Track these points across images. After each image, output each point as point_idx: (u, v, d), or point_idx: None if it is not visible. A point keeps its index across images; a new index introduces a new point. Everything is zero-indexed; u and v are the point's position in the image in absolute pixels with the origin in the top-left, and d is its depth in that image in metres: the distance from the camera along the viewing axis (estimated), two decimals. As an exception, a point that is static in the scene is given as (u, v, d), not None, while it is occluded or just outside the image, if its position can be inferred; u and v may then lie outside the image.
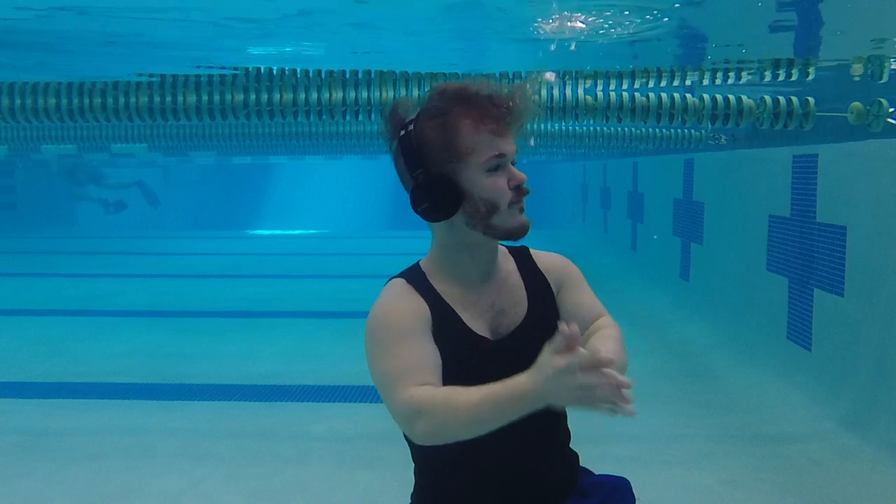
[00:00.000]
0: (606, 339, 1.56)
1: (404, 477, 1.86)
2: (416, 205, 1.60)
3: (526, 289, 1.70)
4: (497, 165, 1.56)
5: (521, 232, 1.60)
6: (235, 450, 4.40)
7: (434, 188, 1.57)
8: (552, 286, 1.72)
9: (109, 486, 3.90)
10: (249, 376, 5.96)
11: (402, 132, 1.59)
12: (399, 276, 1.68)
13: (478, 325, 1.63)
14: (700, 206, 8.17)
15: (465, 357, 1.58)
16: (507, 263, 1.72)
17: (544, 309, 1.69)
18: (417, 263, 1.70)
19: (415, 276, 1.66)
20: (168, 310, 9.07)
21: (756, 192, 6.60)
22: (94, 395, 5.48)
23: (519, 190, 1.58)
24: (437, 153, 1.55)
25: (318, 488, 3.89)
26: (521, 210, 1.60)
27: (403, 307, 1.61)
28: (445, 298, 1.63)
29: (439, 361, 1.54)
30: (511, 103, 1.56)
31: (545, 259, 1.76)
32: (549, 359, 1.27)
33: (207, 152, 15.07)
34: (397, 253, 15.45)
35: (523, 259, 1.74)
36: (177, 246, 16.67)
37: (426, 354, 1.54)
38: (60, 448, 4.42)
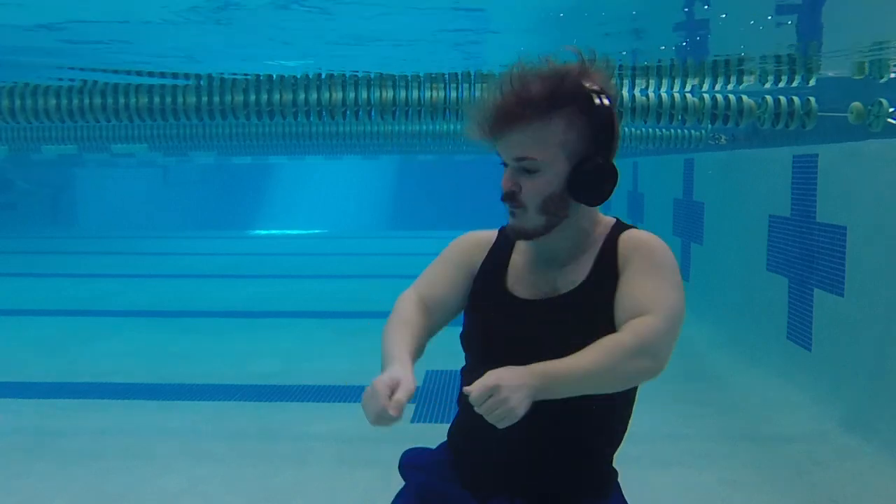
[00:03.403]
0: (582, 353, 1.44)
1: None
2: None
3: (592, 268, 1.60)
4: (504, 163, 1.57)
5: (510, 231, 1.62)
6: (235, 450, 4.40)
7: None
8: (619, 268, 1.58)
9: (109, 486, 3.89)
10: (249, 376, 5.96)
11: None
12: None
13: (522, 290, 1.65)
14: (700, 206, 8.17)
15: (492, 309, 1.65)
16: (592, 244, 1.63)
17: (597, 285, 1.58)
18: None
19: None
20: (168, 310, 9.07)
21: (756, 192, 6.60)
22: (94, 395, 5.47)
23: (503, 195, 1.57)
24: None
25: (318, 488, 3.89)
26: (511, 214, 1.59)
27: (469, 240, 1.75)
28: (514, 254, 1.69)
29: (448, 296, 1.69)
30: (496, 109, 1.51)
31: (628, 238, 1.61)
32: (388, 379, 1.42)
33: (207, 152, 15.08)
34: (397, 253, 15.45)
35: (612, 237, 1.63)
36: (177, 246, 16.66)
37: (444, 281, 1.70)
38: (60, 448, 4.42)
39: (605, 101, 1.51)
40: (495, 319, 1.63)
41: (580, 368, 1.40)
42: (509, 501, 1.61)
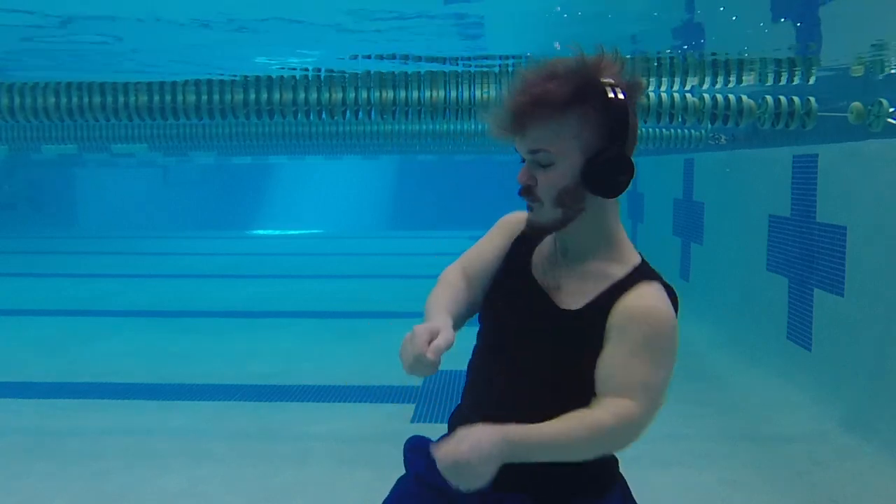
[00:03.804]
0: (561, 424, 1.46)
1: (404, 477, 1.86)
2: None
3: (595, 300, 1.56)
4: (523, 158, 1.59)
5: (527, 225, 1.65)
6: (235, 450, 4.40)
7: None
8: (608, 329, 1.53)
9: (109, 486, 3.89)
10: (249, 376, 5.96)
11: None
12: None
13: (541, 273, 1.68)
14: (700, 206, 8.17)
15: (505, 282, 1.72)
16: (607, 267, 1.59)
17: (588, 324, 1.54)
18: None
19: None
20: (168, 310, 9.07)
21: (756, 192, 6.60)
22: (94, 395, 5.47)
23: (520, 189, 1.59)
24: None
25: (318, 488, 3.89)
26: (528, 208, 1.62)
27: (512, 218, 1.80)
28: (543, 242, 1.72)
29: (487, 265, 1.76)
30: (513, 104, 1.51)
31: (631, 299, 1.53)
32: (429, 326, 1.50)
33: (207, 152, 15.07)
34: (397, 253, 15.47)
35: (622, 286, 1.55)
36: (177, 246, 16.66)
37: (488, 255, 1.77)
38: (60, 448, 4.42)
39: (620, 95, 1.51)
40: (511, 293, 1.70)
41: (555, 440, 1.45)
42: (511, 497, 1.61)
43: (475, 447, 1.38)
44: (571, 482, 1.60)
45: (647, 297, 1.52)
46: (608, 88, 1.50)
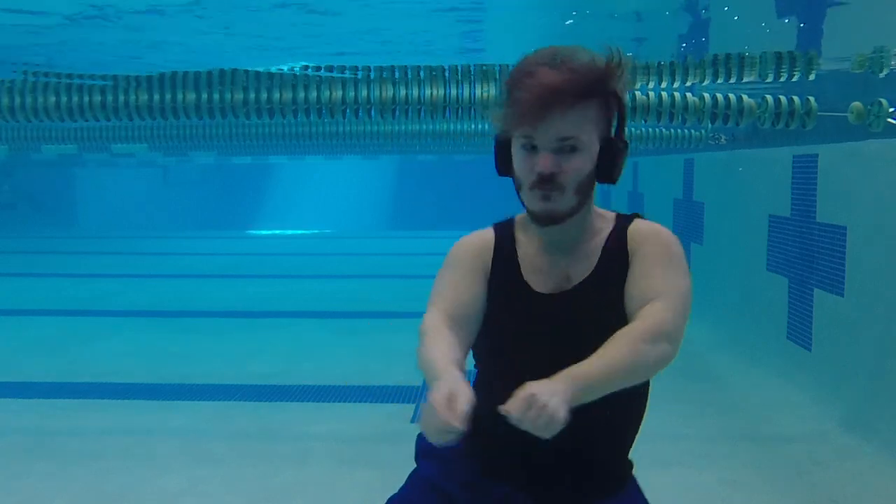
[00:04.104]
0: (603, 350, 1.46)
1: (404, 477, 1.85)
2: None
3: (600, 256, 1.65)
4: (531, 145, 1.55)
5: (541, 216, 1.59)
6: (235, 450, 4.40)
7: (495, 146, 1.65)
8: (629, 256, 1.64)
9: (109, 486, 3.89)
10: (249, 376, 5.96)
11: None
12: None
13: (537, 281, 1.65)
14: (700, 206, 8.17)
15: (510, 304, 1.65)
16: (598, 233, 1.67)
17: (608, 276, 1.63)
18: (515, 215, 1.77)
19: (504, 223, 1.76)
20: (168, 310, 9.06)
21: (756, 192, 6.60)
22: (94, 395, 5.47)
23: (540, 177, 1.54)
24: (503, 115, 1.59)
25: (318, 488, 3.88)
26: (544, 197, 1.56)
27: (469, 243, 1.73)
28: (518, 249, 1.69)
29: (473, 299, 1.64)
30: (552, 92, 1.49)
31: (636, 229, 1.67)
32: (445, 391, 1.35)
33: (207, 152, 15.08)
34: (397, 253, 15.47)
35: (620, 227, 1.68)
36: (177, 246, 16.66)
37: (462, 287, 1.65)
38: (60, 448, 4.42)
39: (625, 88, 1.59)
40: (518, 314, 1.64)
41: (608, 367, 1.43)
42: (525, 499, 1.63)
43: (537, 388, 1.34)
44: (600, 475, 1.67)
45: (646, 223, 1.67)
46: (618, 80, 1.55)
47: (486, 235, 1.74)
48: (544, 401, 1.31)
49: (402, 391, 5.52)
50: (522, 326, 1.63)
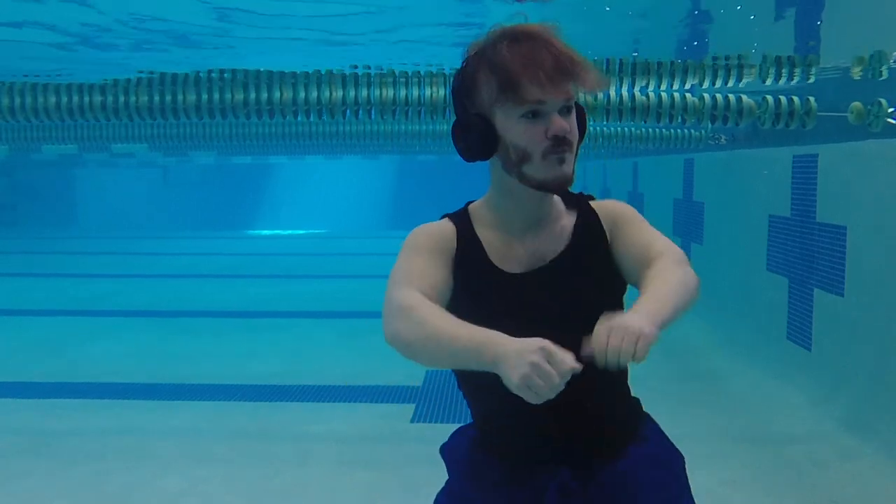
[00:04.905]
0: (656, 291, 1.46)
1: (404, 477, 1.85)
2: (454, 143, 1.59)
3: (573, 233, 1.63)
4: (535, 112, 1.48)
5: (555, 184, 1.52)
6: (235, 450, 4.40)
7: (469, 128, 1.54)
8: (605, 230, 1.65)
9: (109, 486, 3.89)
10: (249, 376, 5.96)
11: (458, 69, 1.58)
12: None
13: (506, 264, 1.61)
14: (700, 206, 8.17)
15: (485, 289, 1.59)
16: (563, 212, 1.66)
17: (584, 251, 1.62)
18: (467, 203, 1.72)
19: (458, 213, 1.70)
20: (168, 310, 9.07)
21: (756, 192, 6.60)
22: (94, 395, 5.47)
23: (556, 140, 1.49)
24: (479, 92, 1.52)
25: (318, 488, 3.88)
26: (562, 161, 1.50)
27: (429, 230, 1.66)
28: (480, 236, 1.63)
29: (443, 284, 1.56)
30: (563, 53, 1.47)
31: (602, 204, 1.70)
32: (533, 351, 1.24)
33: (207, 152, 15.09)
34: (397, 253, 15.41)
35: (583, 206, 1.68)
36: (177, 246, 16.67)
37: (431, 271, 1.56)
38: (60, 448, 4.42)
39: None
40: (496, 299, 1.59)
41: (672, 303, 1.43)
42: (555, 478, 1.60)
43: (607, 322, 1.31)
44: (623, 429, 1.69)
45: (606, 201, 1.72)
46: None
47: (444, 224, 1.67)
48: (627, 324, 1.29)
49: (401, 391, 5.52)
50: (500, 309, 1.55)
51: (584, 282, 1.59)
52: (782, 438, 4.57)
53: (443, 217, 1.71)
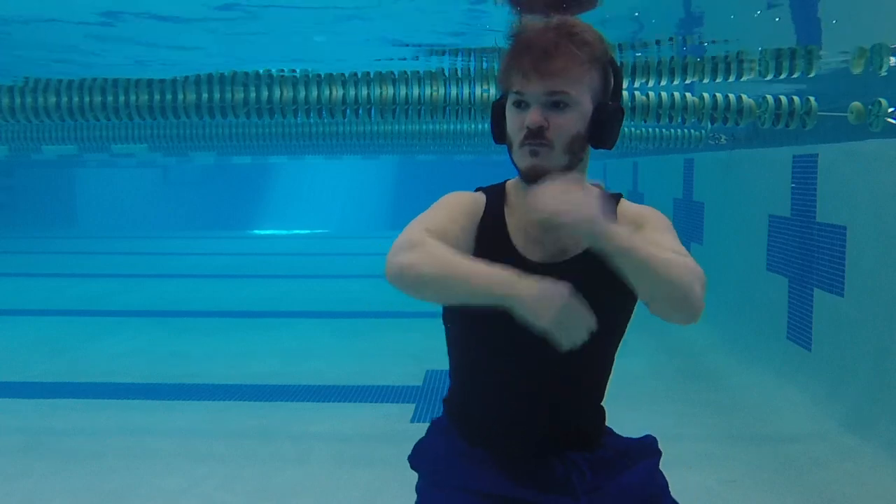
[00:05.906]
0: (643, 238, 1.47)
1: (404, 477, 1.85)
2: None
3: None
4: (520, 101, 1.56)
5: (527, 174, 1.58)
6: (235, 450, 4.40)
7: (491, 113, 1.66)
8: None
9: (109, 486, 3.89)
10: (249, 376, 5.96)
11: None
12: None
13: (527, 249, 1.63)
14: (700, 206, 8.17)
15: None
16: None
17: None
18: (506, 180, 1.76)
19: (494, 187, 1.74)
20: (168, 310, 9.06)
21: (756, 192, 6.60)
22: (94, 395, 5.47)
23: (529, 132, 1.55)
24: (501, 71, 1.61)
25: (318, 488, 3.89)
26: (534, 154, 1.56)
27: (460, 195, 1.70)
28: (508, 214, 1.67)
29: (462, 246, 1.58)
30: (549, 47, 1.52)
31: (629, 206, 1.69)
32: (563, 287, 1.34)
33: (207, 152, 15.08)
34: (397, 253, 15.40)
35: (611, 204, 1.64)
36: (177, 246, 16.66)
37: (452, 227, 1.59)
38: (60, 448, 4.42)
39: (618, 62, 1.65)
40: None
41: (649, 252, 1.41)
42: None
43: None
44: (594, 424, 1.80)
45: (636, 204, 1.71)
46: (611, 48, 1.61)
47: (477, 195, 1.71)
48: (573, 189, 1.35)
49: (402, 391, 5.52)
50: None
51: (598, 284, 1.55)
52: (782, 438, 4.57)
53: (477, 189, 1.76)
